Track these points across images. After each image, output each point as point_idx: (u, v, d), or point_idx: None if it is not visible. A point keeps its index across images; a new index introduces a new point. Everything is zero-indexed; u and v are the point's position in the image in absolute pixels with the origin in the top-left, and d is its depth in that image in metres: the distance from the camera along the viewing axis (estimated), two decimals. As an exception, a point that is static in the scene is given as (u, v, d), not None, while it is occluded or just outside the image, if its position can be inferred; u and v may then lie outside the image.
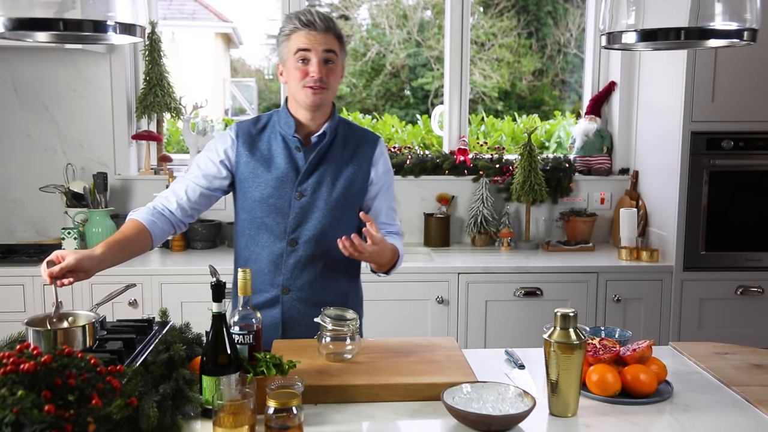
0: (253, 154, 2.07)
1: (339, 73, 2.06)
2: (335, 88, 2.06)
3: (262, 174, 2.05)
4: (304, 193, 2.04)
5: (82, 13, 1.56)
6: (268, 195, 2.04)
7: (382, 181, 2.13)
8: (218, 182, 2.09)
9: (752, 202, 3.22)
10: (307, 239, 2.05)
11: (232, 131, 2.10)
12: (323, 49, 1.98)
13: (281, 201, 2.04)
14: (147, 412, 1.39)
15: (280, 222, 2.05)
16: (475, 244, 3.64)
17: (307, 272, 2.07)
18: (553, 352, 1.57)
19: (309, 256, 2.06)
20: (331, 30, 2.00)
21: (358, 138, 2.12)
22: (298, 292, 2.08)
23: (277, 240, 2.06)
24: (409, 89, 6.89)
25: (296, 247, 2.06)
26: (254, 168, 2.06)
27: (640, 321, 3.23)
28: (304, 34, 1.98)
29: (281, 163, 2.05)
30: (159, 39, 3.57)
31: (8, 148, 3.54)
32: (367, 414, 1.59)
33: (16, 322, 1.90)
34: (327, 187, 2.05)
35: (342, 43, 2.05)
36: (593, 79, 3.85)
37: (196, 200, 2.08)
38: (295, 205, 2.04)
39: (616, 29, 1.69)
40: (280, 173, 2.04)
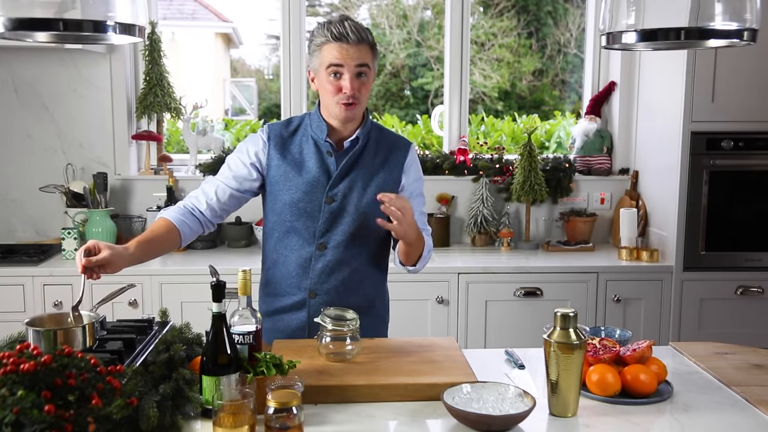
0: (285, 157, 2.06)
1: (370, 84, 2.03)
2: (367, 98, 2.03)
3: (294, 177, 2.04)
4: (334, 198, 2.03)
5: (82, 13, 1.56)
6: (299, 199, 2.04)
7: (413, 188, 2.13)
8: (248, 184, 2.09)
9: (752, 202, 3.22)
10: (336, 244, 2.05)
11: (264, 133, 2.09)
12: (356, 64, 1.94)
13: (311, 205, 2.03)
14: (147, 412, 1.39)
15: (310, 226, 2.04)
16: (475, 244, 3.64)
17: (335, 277, 2.06)
18: (553, 352, 1.57)
19: (337, 260, 2.05)
20: (364, 41, 1.95)
21: (390, 144, 2.11)
22: (325, 296, 2.07)
23: (305, 244, 2.05)
24: (409, 89, 6.89)
25: (325, 252, 2.05)
26: (285, 171, 2.05)
27: (640, 321, 3.23)
28: (336, 47, 1.94)
29: (313, 167, 2.04)
30: (159, 39, 3.58)
31: (8, 148, 3.54)
32: (367, 414, 1.59)
33: (16, 322, 1.90)
34: (358, 192, 2.04)
35: (375, 52, 2.01)
36: (593, 79, 3.85)
37: (226, 201, 2.08)
38: (326, 210, 2.03)
39: (616, 29, 1.69)
40: (311, 177, 2.04)
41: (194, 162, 3.64)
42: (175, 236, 1.99)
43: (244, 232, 3.55)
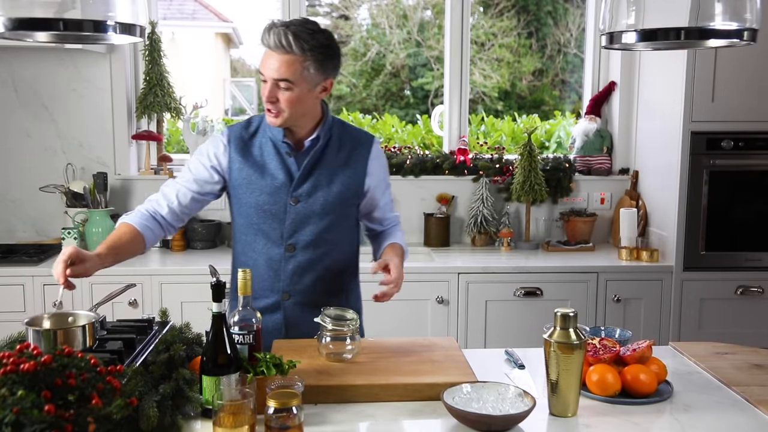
0: (246, 159, 2.04)
1: (303, 95, 1.92)
2: (300, 108, 1.94)
3: (256, 180, 2.03)
4: (299, 198, 2.02)
5: (82, 13, 1.56)
6: (264, 201, 2.02)
7: (380, 180, 2.13)
8: (209, 187, 2.08)
9: (752, 202, 3.22)
10: (305, 244, 2.04)
11: (224, 136, 2.07)
12: (272, 77, 1.89)
13: (276, 207, 2.02)
14: (147, 412, 1.39)
15: (277, 228, 2.03)
16: (475, 244, 3.64)
17: (307, 277, 2.06)
18: (553, 352, 1.57)
19: (308, 260, 2.05)
20: (288, 52, 1.87)
21: (353, 140, 2.09)
22: (299, 296, 2.07)
23: (274, 246, 2.05)
24: (409, 89, 6.89)
25: (294, 253, 2.04)
26: (248, 174, 2.03)
27: (640, 321, 3.23)
28: (265, 53, 1.92)
29: (275, 169, 2.02)
30: (159, 39, 3.57)
31: (8, 148, 3.54)
32: (367, 414, 1.59)
33: (16, 322, 1.90)
34: (323, 191, 2.03)
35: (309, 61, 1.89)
36: (593, 79, 3.85)
37: (187, 204, 2.07)
38: (291, 211, 2.02)
39: (616, 29, 1.69)
40: (274, 180, 2.02)
41: (194, 162, 3.63)
42: (139, 241, 1.98)
43: (244, 232, 3.55)
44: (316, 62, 1.91)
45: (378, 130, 4.31)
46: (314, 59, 1.90)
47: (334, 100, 6.66)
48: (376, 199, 2.13)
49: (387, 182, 2.18)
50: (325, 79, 1.96)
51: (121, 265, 3.20)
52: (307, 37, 1.88)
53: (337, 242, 2.09)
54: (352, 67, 6.76)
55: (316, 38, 1.90)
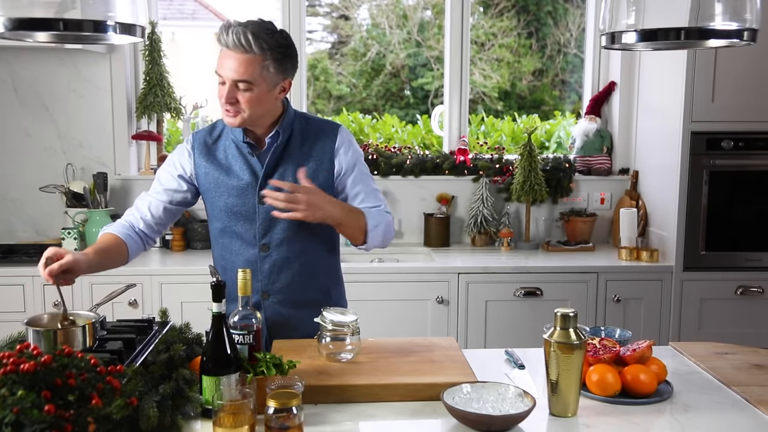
0: (211, 163, 2.03)
1: (262, 94, 1.90)
2: (260, 108, 1.93)
3: (223, 183, 2.02)
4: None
5: (82, 13, 1.56)
6: (233, 203, 2.02)
7: (351, 168, 2.06)
8: (180, 196, 2.08)
9: (752, 202, 3.22)
10: (279, 243, 2.03)
11: (188, 143, 2.08)
12: (230, 77, 1.87)
13: (246, 208, 2.01)
14: (147, 412, 1.39)
15: (249, 229, 2.03)
16: (475, 244, 3.64)
17: (284, 275, 2.05)
18: (553, 352, 1.57)
19: (283, 258, 2.04)
20: (247, 51, 1.85)
21: (317, 131, 2.06)
22: (278, 295, 2.06)
23: (249, 246, 2.04)
24: (409, 89, 6.89)
25: (269, 252, 2.03)
26: (215, 177, 2.03)
27: (640, 321, 3.22)
28: (221, 54, 1.89)
29: (239, 170, 2.01)
30: (159, 39, 3.57)
31: (8, 148, 3.54)
32: (367, 414, 1.59)
33: (16, 322, 1.90)
34: None
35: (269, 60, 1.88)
36: (593, 79, 3.85)
37: (161, 216, 2.08)
38: (261, 211, 2.01)
39: (616, 29, 1.69)
40: (239, 181, 2.01)
41: (194, 162, 3.63)
42: (124, 251, 2.00)
43: (244, 232, 3.55)
44: (275, 62, 1.90)
45: (378, 130, 4.31)
46: (273, 59, 1.89)
47: (334, 100, 6.66)
48: (346, 188, 2.06)
49: (362, 169, 2.08)
50: (284, 79, 1.95)
51: (121, 265, 3.21)
52: (266, 36, 1.87)
53: (312, 238, 2.06)
54: (352, 67, 6.76)
55: (275, 38, 1.89)
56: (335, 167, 2.04)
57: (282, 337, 2.04)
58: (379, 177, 3.62)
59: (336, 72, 6.77)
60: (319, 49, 6.79)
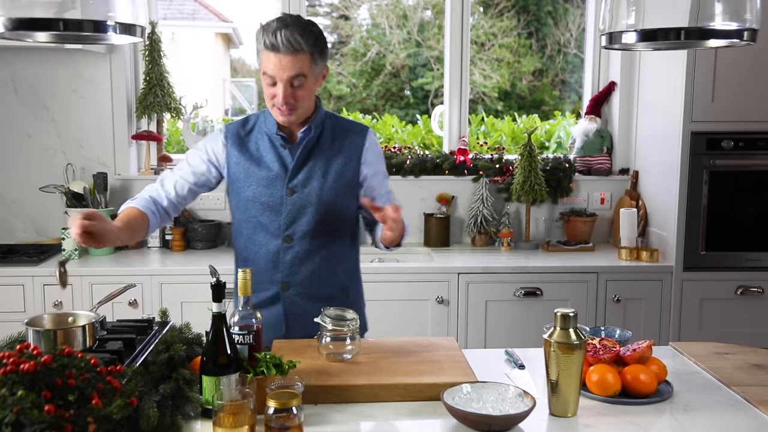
0: (243, 154, 2.09)
1: (311, 87, 1.99)
2: (309, 101, 2.01)
3: (253, 173, 2.07)
4: (295, 189, 2.05)
5: (82, 13, 1.56)
6: (260, 194, 2.07)
7: (377, 169, 2.13)
8: (205, 178, 2.14)
9: (752, 202, 3.22)
10: (302, 235, 2.07)
11: (222, 133, 2.13)
12: (288, 76, 1.93)
13: (273, 199, 2.06)
14: (147, 412, 1.39)
15: (275, 220, 2.07)
16: (475, 244, 3.64)
17: (305, 267, 2.08)
18: (553, 352, 1.58)
19: (305, 251, 2.08)
20: (298, 51, 1.91)
21: (346, 130, 2.12)
22: (298, 287, 2.09)
23: (272, 237, 2.08)
24: (409, 89, 6.90)
25: (292, 244, 2.07)
26: (245, 168, 2.08)
27: (640, 321, 3.22)
28: (270, 57, 1.93)
29: (270, 161, 2.07)
30: (159, 39, 3.57)
31: (8, 148, 3.54)
32: (367, 414, 1.59)
33: (16, 322, 1.90)
34: (318, 181, 2.05)
35: (316, 56, 1.95)
36: (593, 79, 3.85)
37: (184, 195, 2.14)
38: (287, 202, 2.06)
39: (616, 29, 1.69)
40: (269, 171, 2.06)
41: (194, 162, 3.63)
42: (145, 226, 2.05)
43: (244, 232, 3.55)
44: (320, 54, 1.98)
45: (378, 130, 4.31)
46: (317, 51, 1.97)
47: (334, 100, 6.66)
48: (373, 188, 2.12)
49: (384, 172, 2.18)
50: (324, 67, 2.04)
51: (121, 265, 3.22)
52: (308, 32, 1.94)
53: (335, 233, 2.11)
54: (352, 67, 6.76)
55: (313, 31, 1.96)
56: (362, 165, 2.10)
57: (299, 330, 2.06)
58: (379, 177, 3.62)
59: (336, 72, 6.77)
60: (319, 49, 6.77)
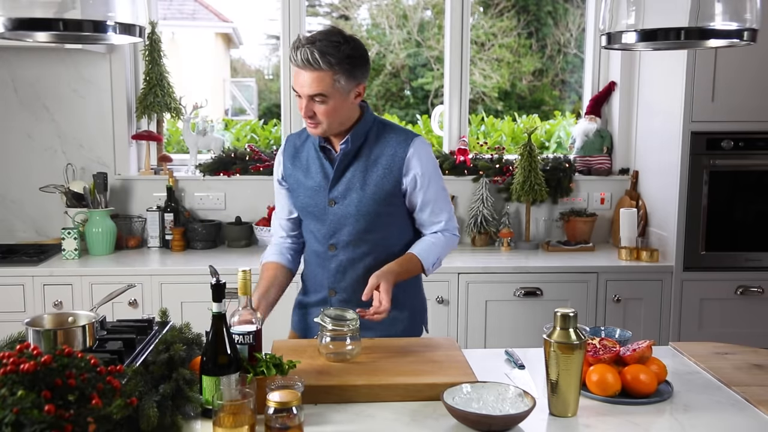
0: (295, 164, 2.16)
1: (338, 104, 1.98)
2: (334, 118, 2.00)
3: (302, 183, 2.14)
4: (336, 200, 2.08)
5: (82, 13, 1.56)
6: (307, 203, 2.13)
7: (422, 180, 2.08)
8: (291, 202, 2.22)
9: (752, 202, 3.22)
10: (345, 244, 2.10)
11: (282, 147, 2.22)
12: (306, 93, 1.96)
13: (318, 209, 2.11)
14: (147, 412, 1.39)
15: (320, 228, 2.12)
16: (475, 244, 3.64)
17: (349, 275, 2.12)
18: (553, 352, 1.58)
19: (349, 259, 2.11)
20: (317, 69, 1.92)
21: (391, 139, 2.09)
22: (343, 293, 2.13)
23: (319, 244, 2.15)
24: (409, 89, 6.90)
25: (336, 252, 2.12)
26: (297, 178, 2.15)
27: (640, 321, 3.22)
28: (296, 71, 1.97)
29: (315, 172, 2.11)
30: (159, 39, 3.57)
31: (8, 148, 3.54)
32: (367, 414, 1.59)
33: (16, 322, 1.90)
34: (356, 193, 2.06)
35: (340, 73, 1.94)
36: (593, 79, 3.85)
37: (291, 227, 2.25)
38: (330, 212, 2.09)
39: (616, 29, 1.69)
40: (314, 182, 2.11)
41: (194, 162, 3.64)
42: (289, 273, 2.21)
43: (244, 232, 3.55)
44: (345, 73, 1.95)
45: (378, 130, 4.30)
46: (343, 71, 1.95)
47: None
48: (413, 201, 2.11)
49: (431, 184, 2.10)
50: (357, 85, 2.01)
51: (121, 265, 3.23)
52: (333, 51, 1.92)
53: (381, 242, 2.11)
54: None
55: (342, 50, 1.93)
56: (404, 177, 2.07)
57: None
58: (379, 177, 3.62)
59: (336, 72, 6.75)
60: (319, 49, 6.77)
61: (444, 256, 2.15)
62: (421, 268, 2.08)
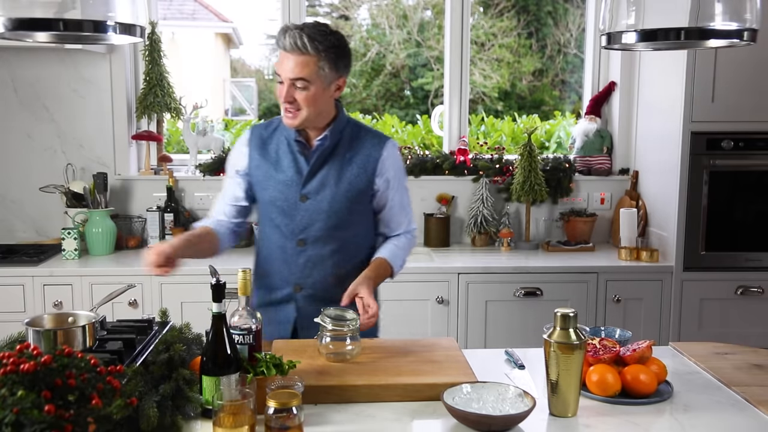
0: (263, 156, 2.13)
1: (319, 93, 1.99)
2: (315, 108, 2.01)
3: (272, 176, 2.11)
4: (308, 195, 2.07)
5: (82, 13, 1.56)
6: (276, 197, 2.10)
7: (393, 181, 2.13)
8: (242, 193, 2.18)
9: (752, 202, 3.22)
10: (315, 240, 2.09)
11: (246, 137, 2.18)
12: (290, 76, 1.97)
13: (288, 203, 2.09)
14: (147, 412, 1.39)
15: (289, 223, 2.10)
16: (475, 245, 3.64)
17: (318, 271, 2.11)
18: (553, 352, 1.58)
19: (318, 255, 2.10)
20: (304, 53, 1.94)
21: (365, 140, 2.13)
22: (310, 289, 2.12)
23: (287, 240, 2.12)
24: (409, 89, 6.90)
25: (305, 248, 2.10)
26: (265, 170, 2.12)
27: (640, 321, 3.22)
28: (280, 55, 1.98)
29: (287, 166, 2.10)
30: (159, 39, 3.57)
31: (8, 148, 3.54)
32: (367, 414, 1.59)
33: (16, 322, 1.90)
34: (330, 189, 2.07)
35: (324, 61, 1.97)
36: (593, 79, 3.85)
37: (235, 214, 2.20)
38: (301, 208, 2.08)
39: (616, 29, 1.69)
40: (285, 176, 2.09)
41: (194, 162, 3.64)
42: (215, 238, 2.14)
43: (244, 232, 3.55)
44: (329, 62, 1.98)
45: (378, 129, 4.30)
46: (328, 59, 1.98)
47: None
48: (381, 201, 2.14)
49: (399, 186, 2.16)
50: (338, 78, 2.04)
51: (121, 265, 3.23)
52: (321, 38, 1.96)
53: (350, 239, 2.13)
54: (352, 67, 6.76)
55: (329, 39, 1.98)
56: (377, 177, 2.11)
57: (308, 330, 2.07)
58: (379, 177, 3.62)
59: (336, 72, 6.74)
60: (319, 49, 6.76)
61: (407, 257, 2.19)
62: (390, 271, 2.12)
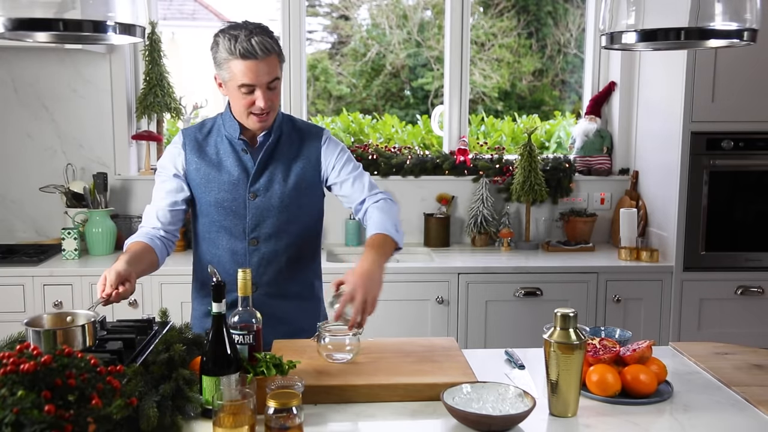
0: (202, 159, 2.09)
1: (279, 91, 2.03)
2: (279, 102, 2.06)
3: (214, 178, 2.08)
4: (257, 193, 2.07)
5: (82, 13, 1.56)
6: (223, 198, 2.07)
7: (337, 158, 2.13)
8: (182, 195, 2.11)
9: (752, 202, 3.22)
10: (267, 237, 2.09)
11: (179, 141, 2.12)
12: (266, 81, 1.95)
13: (236, 203, 2.07)
14: (147, 412, 1.39)
15: (239, 223, 2.08)
16: (475, 245, 3.64)
17: (272, 268, 2.11)
18: (553, 352, 1.57)
19: (272, 252, 2.10)
20: (272, 53, 1.94)
21: (304, 133, 2.14)
22: (266, 287, 2.11)
23: (237, 241, 2.09)
24: (409, 89, 6.89)
25: (258, 246, 2.09)
26: (206, 173, 2.08)
27: (640, 321, 3.22)
28: (245, 66, 1.92)
29: (231, 165, 2.07)
30: (159, 39, 3.57)
31: (8, 148, 3.54)
32: (367, 414, 1.59)
33: (16, 322, 1.90)
34: (279, 184, 2.07)
35: (281, 57, 2.00)
36: (593, 79, 3.85)
37: (171, 220, 2.11)
38: (251, 206, 2.07)
39: (616, 29, 1.69)
40: (231, 176, 2.07)
41: (194, 162, 3.63)
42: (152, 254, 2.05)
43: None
44: (282, 58, 2.02)
45: (378, 130, 4.31)
46: (281, 52, 2.01)
47: (334, 100, 6.66)
48: (338, 177, 2.12)
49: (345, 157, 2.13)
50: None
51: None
52: (270, 34, 1.99)
53: (300, 233, 2.13)
54: (352, 67, 6.76)
55: (273, 33, 2.01)
56: (322, 165, 2.12)
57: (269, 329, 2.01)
58: (379, 177, 3.63)
59: (336, 72, 6.77)
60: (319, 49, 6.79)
61: (398, 221, 2.05)
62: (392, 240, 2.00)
